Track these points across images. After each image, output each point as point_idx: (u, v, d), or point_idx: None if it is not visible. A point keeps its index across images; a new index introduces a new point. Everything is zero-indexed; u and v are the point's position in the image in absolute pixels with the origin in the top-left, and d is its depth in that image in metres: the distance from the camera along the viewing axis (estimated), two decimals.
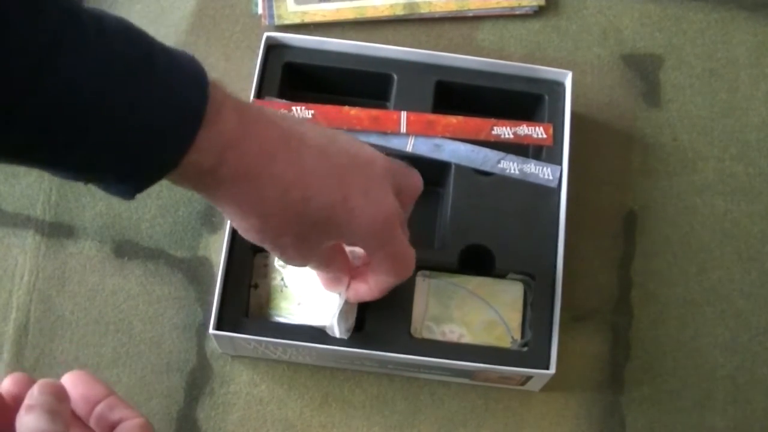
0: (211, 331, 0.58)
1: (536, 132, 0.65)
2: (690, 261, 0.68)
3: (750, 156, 0.71)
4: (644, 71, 0.74)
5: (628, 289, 0.66)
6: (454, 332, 0.60)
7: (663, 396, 0.64)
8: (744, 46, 0.75)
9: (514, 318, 0.61)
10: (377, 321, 0.59)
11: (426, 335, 0.60)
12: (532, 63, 0.73)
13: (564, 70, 0.67)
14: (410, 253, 0.53)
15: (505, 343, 0.60)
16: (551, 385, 0.62)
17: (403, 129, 0.64)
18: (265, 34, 0.67)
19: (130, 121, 0.40)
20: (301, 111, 0.65)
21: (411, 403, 0.63)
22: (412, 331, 0.60)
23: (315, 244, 0.50)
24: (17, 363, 0.63)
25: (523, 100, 0.67)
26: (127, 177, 0.43)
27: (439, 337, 0.60)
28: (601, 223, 0.69)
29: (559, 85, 0.67)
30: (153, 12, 0.75)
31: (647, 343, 0.65)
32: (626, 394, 0.64)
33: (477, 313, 0.61)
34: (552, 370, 0.58)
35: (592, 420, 0.63)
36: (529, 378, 0.60)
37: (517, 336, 0.61)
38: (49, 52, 0.38)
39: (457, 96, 0.67)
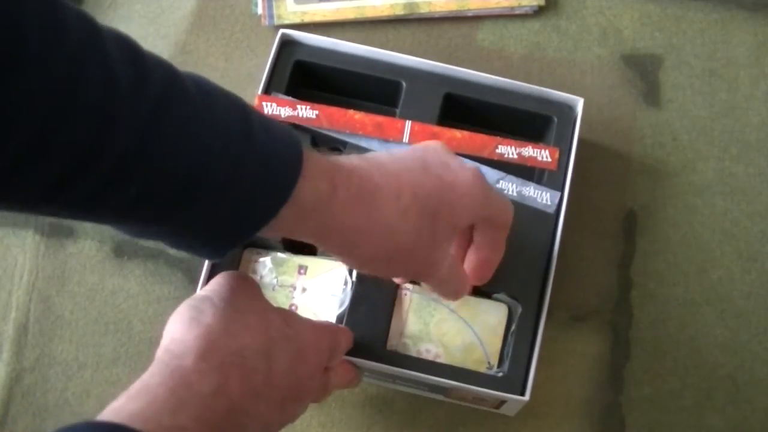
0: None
1: (541, 155, 0.64)
2: (690, 261, 0.68)
3: (750, 156, 0.71)
4: (644, 71, 0.74)
5: (628, 289, 0.66)
6: (430, 351, 0.59)
7: (663, 396, 0.64)
8: (744, 46, 0.75)
9: (494, 342, 0.59)
10: (353, 332, 0.58)
11: (401, 352, 0.59)
12: (532, 63, 0.73)
13: (576, 97, 0.65)
14: (506, 197, 0.55)
15: (482, 368, 0.59)
16: (551, 386, 0.62)
17: (406, 138, 0.64)
18: (281, 31, 0.67)
19: (243, 165, 0.41)
20: (306, 110, 0.64)
21: (411, 403, 0.63)
22: (388, 347, 0.59)
23: (444, 243, 0.50)
24: (17, 362, 0.63)
25: (532, 121, 0.66)
26: (244, 217, 0.43)
27: (414, 355, 0.59)
28: (601, 223, 0.69)
29: (570, 108, 0.66)
30: (153, 12, 0.75)
31: (647, 343, 0.65)
32: (626, 394, 0.64)
33: (456, 334, 0.60)
34: (527, 397, 0.57)
35: (592, 420, 0.63)
36: (503, 402, 0.58)
37: (494, 362, 0.59)
38: (155, 115, 0.38)
39: (465, 110, 0.66)
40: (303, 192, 0.43)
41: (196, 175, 0.40)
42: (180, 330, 0.46)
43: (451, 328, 0.60)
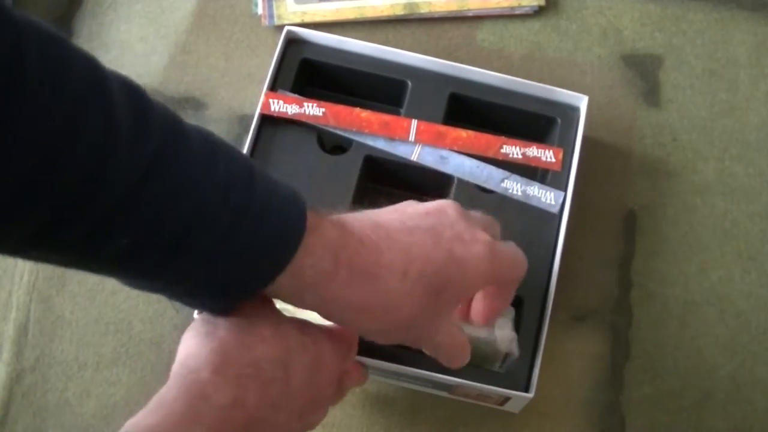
0: (195, 315, 0.58)
1: (546, 155, 0.64)
2: (690, 261, 0.68)
3: (750, 156, 0.71)
4: (644, 71, 0.74)
5: (628, 289, 0.66)
6: None
7: (663, 396, 0.64)
8: (744, 46, 0.75)
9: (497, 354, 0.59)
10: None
11: None
12: (532, 63, 0.73)
13: (580, 95, 0.66)
14: (519, 255, 0.52)
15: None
16: (551, 386, 0.62)
17: (412, 137, 0.64)
18: (286, 28, 0.67)
19: (240, 229, 0.41)
20: (313, 108, 0.64)
21: (411, 403, 0.63)
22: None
23: (444, 315, 0.49)
24: (17, 363, 0.63)
25: (536, 122, 0.67)
26: (238, 280, 0.43)
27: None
28: (601, 223, 0.69)
29: (573, 110, 0.66)
30: (153, 12, 0.75)
31: (647, 343, 0.65)
32: (626, 394, 0.64)
33: None
34: (531, 394, 0.57)
35: (592, 420, 0.63)
36: (507, 399, 0.58)
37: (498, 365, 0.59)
38: (152, 167, 0.38)
39: (470, 110, 0.66)
40: (304, 267, 0.43)
41: (189, 229, 0.40)
42: (195, 344, 0.46)
43: None
